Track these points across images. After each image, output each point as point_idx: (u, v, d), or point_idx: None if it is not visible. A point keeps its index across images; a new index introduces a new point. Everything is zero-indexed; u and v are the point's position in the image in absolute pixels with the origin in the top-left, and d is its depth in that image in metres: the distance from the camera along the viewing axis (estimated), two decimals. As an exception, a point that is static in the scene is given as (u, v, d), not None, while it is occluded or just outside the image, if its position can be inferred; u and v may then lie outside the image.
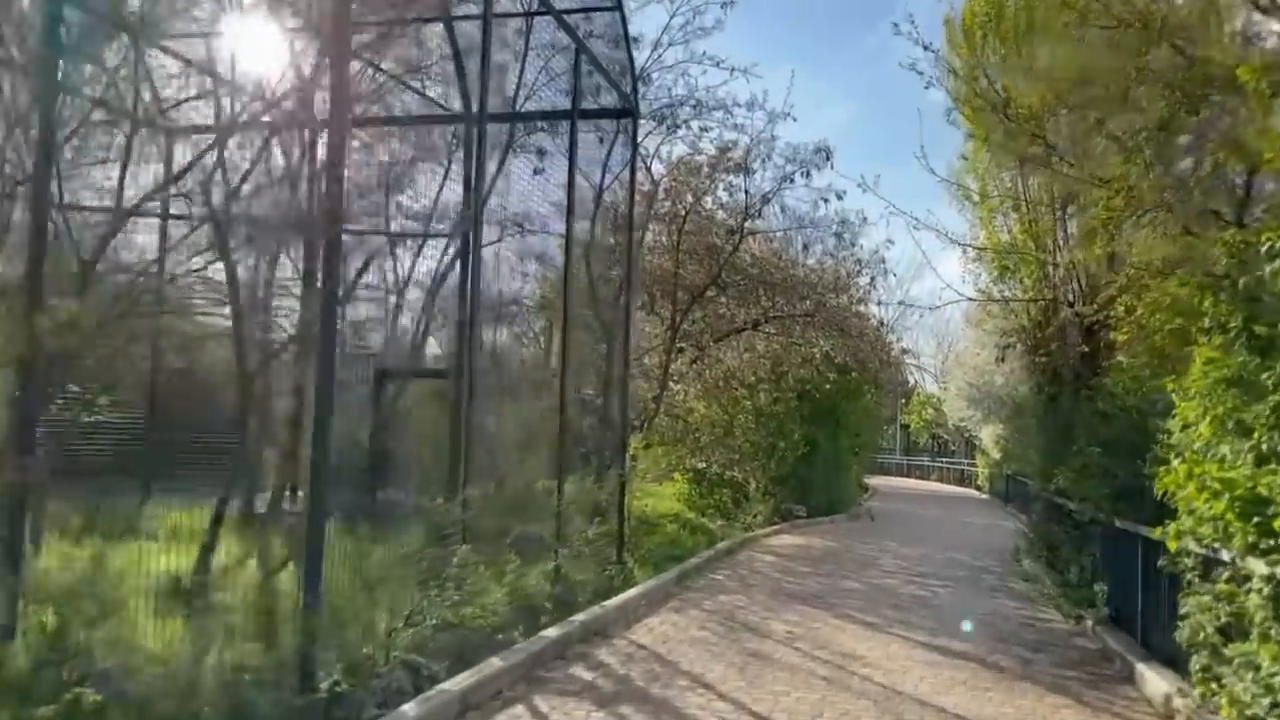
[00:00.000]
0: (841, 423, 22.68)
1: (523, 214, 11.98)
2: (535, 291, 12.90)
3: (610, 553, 11.40)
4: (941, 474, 50.44)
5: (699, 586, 11.18)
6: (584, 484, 11.93)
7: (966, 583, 12.60)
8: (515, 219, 12.00)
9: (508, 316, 12.92)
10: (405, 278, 13.45)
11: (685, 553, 13.29)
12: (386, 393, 12.21)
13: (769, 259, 19.46)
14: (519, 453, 11.20)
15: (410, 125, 10.37)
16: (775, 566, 13.30)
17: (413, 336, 13.45)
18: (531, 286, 12.89)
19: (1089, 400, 12.06)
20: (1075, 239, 12.77)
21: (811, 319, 19.56)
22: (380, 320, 13.48)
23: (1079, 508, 11.18)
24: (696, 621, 9.01)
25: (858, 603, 10.52)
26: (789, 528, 18.77)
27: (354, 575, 6.72)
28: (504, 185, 11.75)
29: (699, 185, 18.56)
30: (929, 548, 16.96)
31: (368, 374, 10.97)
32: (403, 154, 11.28)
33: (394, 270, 12.91)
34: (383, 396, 12.14)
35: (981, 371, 36.54)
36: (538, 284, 13.02)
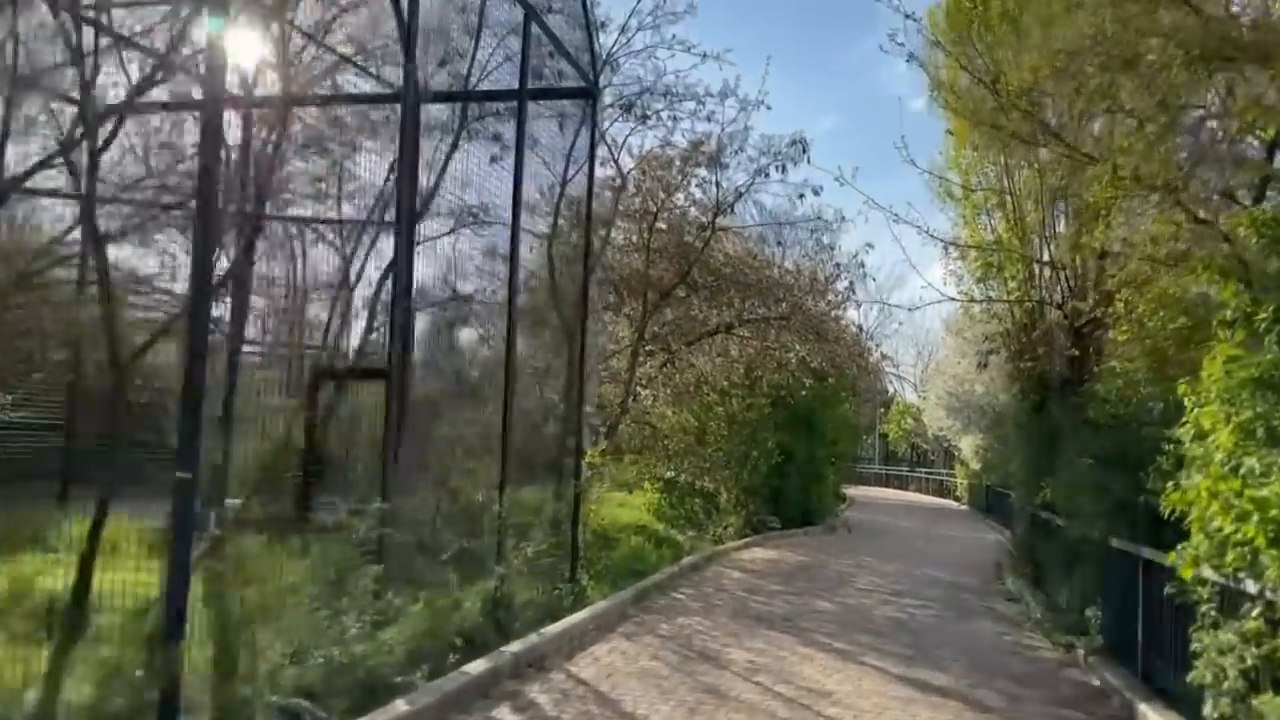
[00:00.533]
0: (817, 431, 21.83)
1: (479, 205, 11.11)
2: (492, 289, 11.97)
3: (564, 569, 10.52)
4: (920, 484, 49.80)
5: (658, 607, 10.26)
6: (539, 495, 11.03)
7: (946, 603, 11.75)
8: (470, 210, 11.14)
9: (462, 315, 12.04)
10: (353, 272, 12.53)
11: (647, 568, 12.38)
12: (323, 394, 11.27)
13: (743, 259, 18.61)
14: (465, 461, 10.29)
15: (334, 104, 9.45)
16: (743, 584, 12.40)
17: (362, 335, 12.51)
18: (489, 283, 11.97)
19: (1078, 408, 11.26)
20: (1065, 234, 11.97)
21: (787, 322, 18.71)
22: (325, 318, 12.51)
23: (1068, 524, 10.35)
24: (649, 649, 8.09)
25: (829, 627, 9.63)
26: (761, 540, 17.88)
27: (253, 599, 5.78)
28: (460, 173, 10.89)
29: (670, 180, 17.71)
30: (907, 563, 16.12)
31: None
32: (338, 136, 10.37)
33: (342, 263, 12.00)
34: (318, 398, 11.21)
35: (961, 380, 35.88)
36: (500, 281, 12.13)
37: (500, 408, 9.29)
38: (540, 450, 11.27)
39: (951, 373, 37.06)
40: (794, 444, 20.39)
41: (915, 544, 20.19)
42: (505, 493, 8.98)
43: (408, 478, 9.59)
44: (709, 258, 18.51)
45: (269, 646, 5.36)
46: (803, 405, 20.65)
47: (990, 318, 15.42)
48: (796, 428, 20.79)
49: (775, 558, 15.65)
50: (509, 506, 9.55)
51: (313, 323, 11.95)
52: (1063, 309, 12.48)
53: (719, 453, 19.48)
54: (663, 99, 15.80)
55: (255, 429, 8.60)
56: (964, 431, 37.43)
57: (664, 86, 15.49)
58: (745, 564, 14.56)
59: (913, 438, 56.68)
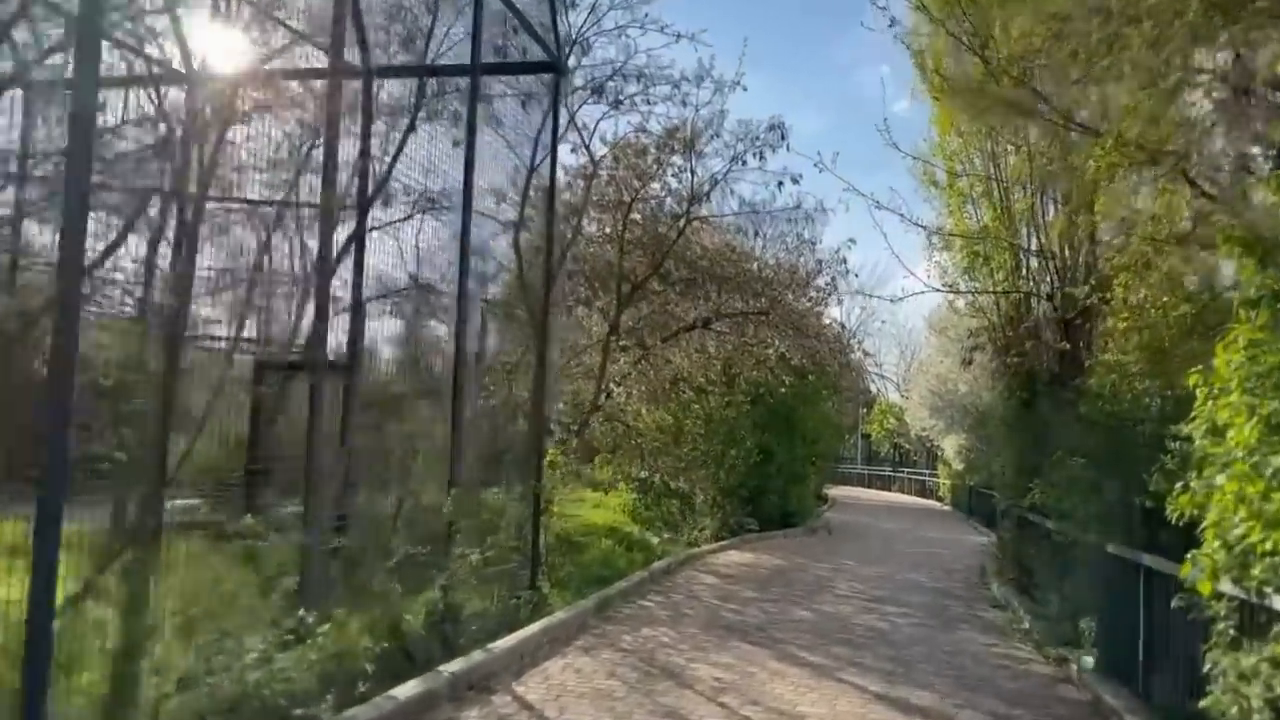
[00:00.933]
0: (798, 430, 21.19)
1: (441, 191, 10.43)
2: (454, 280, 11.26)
3: (524, 576, 9.85)
4: (903, 485, 49.32)
5: (622, 617, 9.57)
6: (501, 497, 10.36)
7: (929, 611, 11.11)
8: (429, 196, 10.47)
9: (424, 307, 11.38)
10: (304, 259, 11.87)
11: (615, 574, 11.71)
12: (268, 389, 10.55)
13: (721, 251, 17.94)
14: (415, 460, 9.59)
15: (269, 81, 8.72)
16: (716, 590, 11.73)
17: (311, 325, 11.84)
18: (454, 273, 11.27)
19: (1069, 404, 10.65)
20: (1055, 220, 11.37)
21: (766, 317, 18.06)
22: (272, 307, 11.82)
23: (1058, 527, 9.75)
24: (607, 666, 7.40)
25: (805, 638, 8.97)
26: (738, 543, 17.22)
27: (136, 616, 5.05)
28: (424, 157, 10.22)
29: (645, 169, 17.02)
30: (888, 566, 15.49)
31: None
32: (284, 115, 9.67)
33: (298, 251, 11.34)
34: (263, 393, 10.49)
35: (944, 379, 35.38)
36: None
37: (476, 406, 8.60)
38: (503, 450, 10.58)
39: (934, 371, 36.57)
40: (773, 443, 19.75)
41: (897, 546, 19.58)
42: (454, 494, 8.28)
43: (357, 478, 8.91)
44: (685, 250, 17.86)
45: (156, 671, 4.65)
46: (782, 403, 20.03)
47: (975, 312, 14.84)
48: (776, 427, 20.15)
49: (752, 561, 14.99)
50: (460, 509, 8.88)
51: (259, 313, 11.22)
52: (1052, 300, 11.89)
53: (696, 452, 18.82)
54: (636, 82, 15.12)
55: (192, 426, 7.92)
56: (947, 431, 36.93)
57: (636, 69, 14.80)
58: (720, 568, 13.89)
59: (895, 438, 56.24)
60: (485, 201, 10.91)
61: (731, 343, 18.69)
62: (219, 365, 9.44)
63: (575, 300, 17.86)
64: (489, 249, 12.04)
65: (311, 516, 6.35)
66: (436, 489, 9.17)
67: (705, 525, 17.18)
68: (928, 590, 12.85)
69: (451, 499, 8.25)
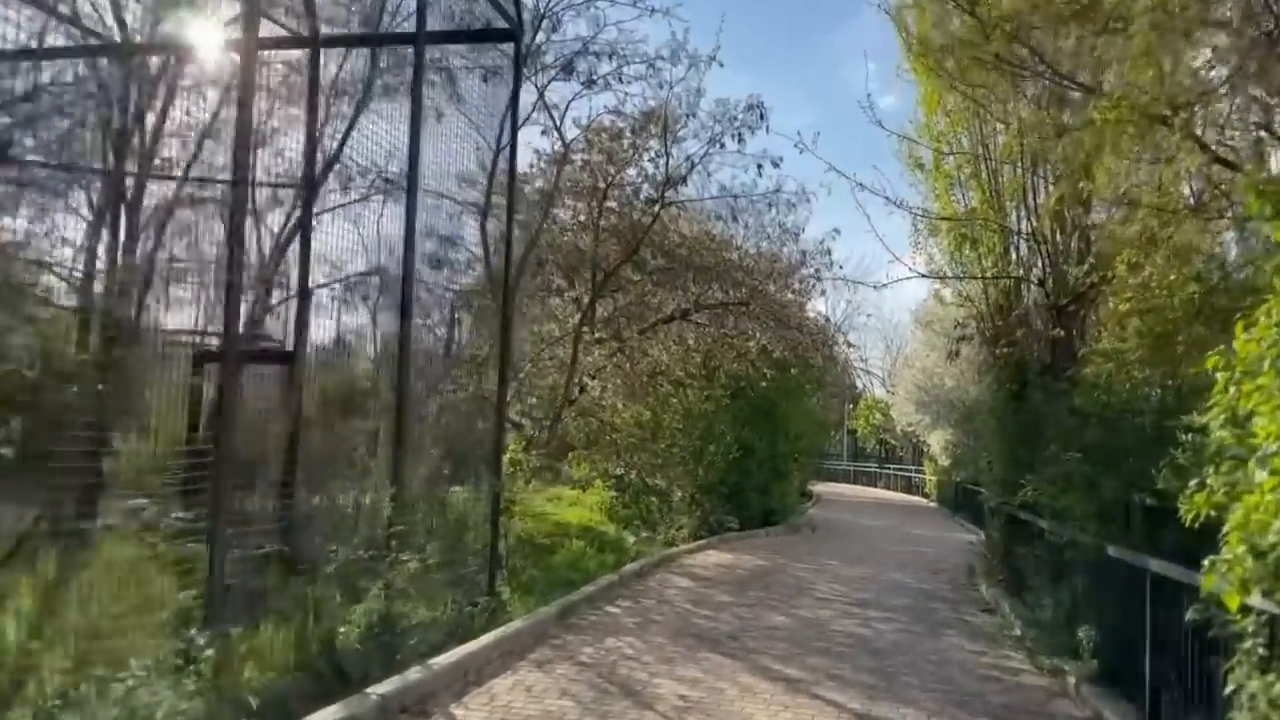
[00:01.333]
0: (780, 425, 20.57)
1: (401, 173, 9.75)
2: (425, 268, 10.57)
3: (482, 581, 9.18)
4: (889, 481, 48.85)
5: (585, 625, 8.90)
6: (460, 497, 9.68)
7: (915, 615, 10.48)
8: (385, 177, 9.80)
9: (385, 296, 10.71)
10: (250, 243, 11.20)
11: (584, 577, 11.04)
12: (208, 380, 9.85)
13: (699, 239, 17.25)
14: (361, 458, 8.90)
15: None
16: (690, 594, 11.07)
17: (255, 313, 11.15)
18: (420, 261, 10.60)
19: (1062, 396, 10.05)
20: (1047, 201, 10.74)
21: (746, 308, 17.40)
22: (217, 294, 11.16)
23: (1053, 527, 9.12)
24: (561, 682, 6.72)
25: (780, 647, 8.31)
26: (717, 542, 16.57)
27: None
28: (384, 138, 9.58)
29: (620, 154, 16.33)
30: (872, 566, 14.88)
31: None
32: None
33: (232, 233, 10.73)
34: (203, 384, 9.80)
35: (930, 374, 34.88)
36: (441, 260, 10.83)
37: (398, 397, 7.88)
38: (469, 447, 9.88)
39: (920, 366, 36.06)
40: (754, 439, 19.12)
41: (882, 545, 18.98)
42: (395, 494, 7.58)
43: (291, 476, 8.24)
44: (662, 239, 17.19)
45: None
46: (764, 398, 19.38)
47: (963, 301, 14.23)
48: (757, 421, 19.53)
49: (730, 562, 14.34)
50: (405, 511, 8.19)
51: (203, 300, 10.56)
52: (1044, 286, 11.27)
53: (674, 448, 18.16)
54: (609, 60, 14.42)
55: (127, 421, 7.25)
56: (933, 427, 36.44)
57: (608, 45, 14.10)
58: (695, 570, 13.23)
59: (881, 434, 55.78)
60: (449, 185, 10.23)
61: (711, 335, 18.04)
62: (156, 355, 8.75)
63: (548, 290, 17.17)
64: (456, 235, 11.33)
65: (219, 518, 5.63)
66: (386, 489, 8.52)
67: (683, 524, 16.53)
68: (913, 592, 12.22)
69: (392, 500, 7.55)
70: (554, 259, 16.26)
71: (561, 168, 14.98)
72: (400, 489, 7.55)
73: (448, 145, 9.97)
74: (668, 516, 16.96)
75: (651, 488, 17.46)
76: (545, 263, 15.73)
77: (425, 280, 10.04)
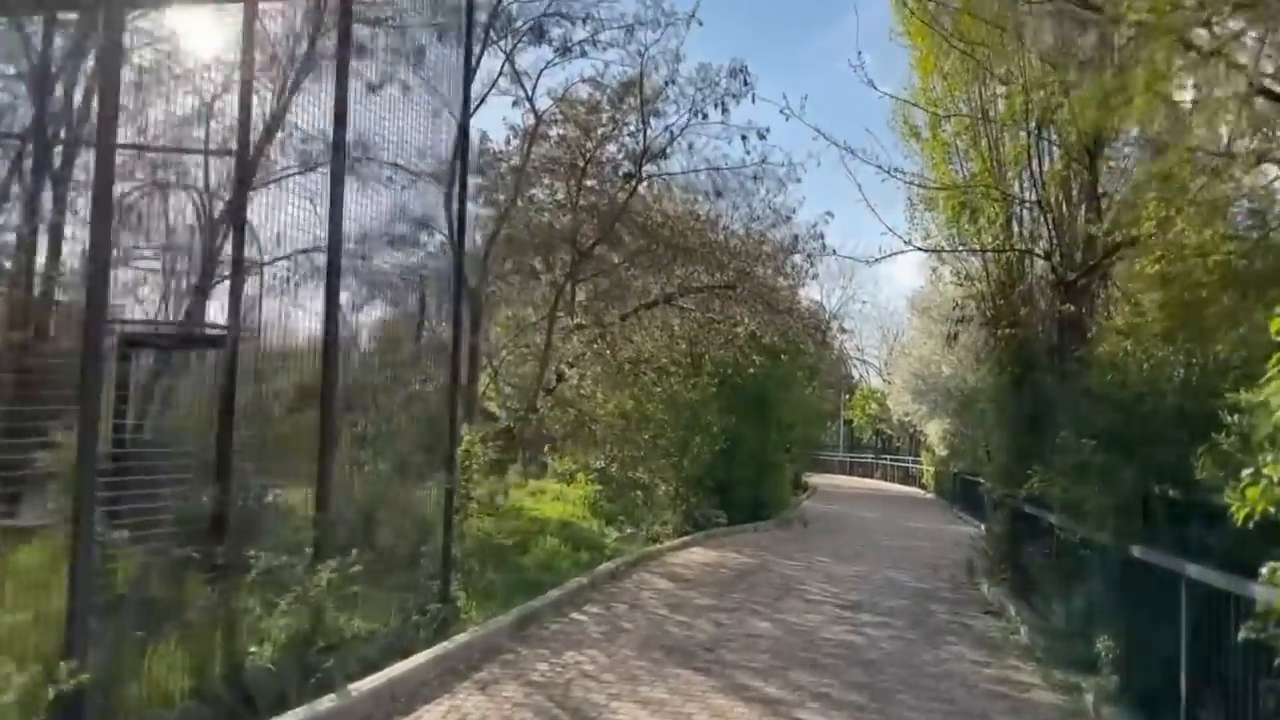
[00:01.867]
0: (771, 415, 19.65)
1: (356, 142, 8.88)
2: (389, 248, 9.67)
3: (435, 587, 8.32)
4: (885, 472, 48.02)
5: (546, 635, 8.00)
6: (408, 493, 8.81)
7: (912, 620, 9.59)
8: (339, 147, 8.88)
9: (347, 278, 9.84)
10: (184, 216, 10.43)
11: (554, 579, 10.16)
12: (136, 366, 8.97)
13: (683, 219, 16.34)
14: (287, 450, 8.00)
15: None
16: (667, 598, 10.17)
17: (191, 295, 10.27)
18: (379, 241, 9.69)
19: (1073, 378, 9.15)
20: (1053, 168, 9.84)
21: (733, 291, 16.50)
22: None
23: (1064, 522, 8.22)
24: (504, 709, 5.82)
25: (761, 660, 7.42)
26: (703, 539, 15.68)
27: None
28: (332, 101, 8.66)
29: (600, 129, 15.41)
30: (867, 563, 13.99)
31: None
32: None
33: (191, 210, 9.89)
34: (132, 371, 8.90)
35: (927, 362, 34.00)
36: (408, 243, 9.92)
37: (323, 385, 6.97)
38: (415, 439, 8.97)
39: (917, 354, 35.16)
40: (743, 429, 18.21)
41: (877, 539, 18.09)
42: (324, 488, 6.68)
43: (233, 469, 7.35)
44: (644, 217, 16.28)
45: None
46: (754, 386, 18.47)
47: (962, 280, 13.30)
48: (747, 411, 18.62)
49: (714, 560, 13.45)
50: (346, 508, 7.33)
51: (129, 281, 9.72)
52: (1050, 259, 10.36)
53: (661, 439, 17.25)
54: (583, 25, 13.49)
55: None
56: (930, 416, 35.57)
57: (583, 8, 13.17)
58: (677, 569, 12.33)
59: (878, 424, 54.91)
60: (408, 157, 9.31)
61: (697, 320, 17.14)
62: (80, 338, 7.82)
63: (522, 273, 16.27)
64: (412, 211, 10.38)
65: (82, 526, 4.72)
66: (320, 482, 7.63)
67: (667, 519, 15.62)
68: (909, 592, 11.32)
69: (318, 496, 6.65)
70: (530, 240, 15.36)
71: (533, 140, 14.07)
72: (324, 484, 6.65)
73: (402, 112, 9.05)
74: (652, 512, 16.05)
75: (636, 481, 16.56)
76: (515, 241, 14.81)
77: (374, 261, 9.15)
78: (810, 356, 21.23)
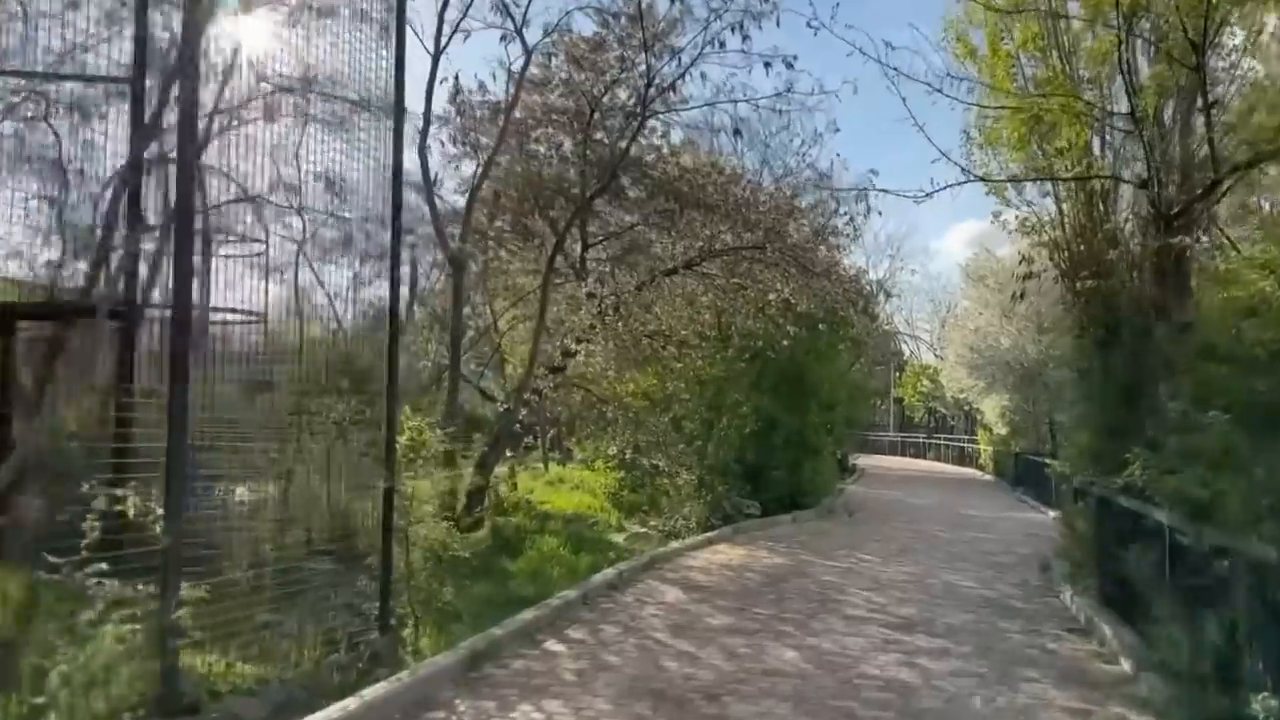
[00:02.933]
0: (810, 392, 17.65)
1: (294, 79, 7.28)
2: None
3: (373, 612, 6.66)
4: (939, 452, 45.61)
5: (500, 678, 6.20)
6: (327, 494, 7.09)
7: (979, 642, 7.63)
8: (288, 85, 7.35)
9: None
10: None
11: (539, 592, 8.41)
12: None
13: (702, 171, 14.37)
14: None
15: None
16: (674, 615, 8.33)
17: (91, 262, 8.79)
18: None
19: (1186, 334, 7.10)
20: (1152, 72, 7.73)
21: (762, 253, 14.49)
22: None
23: (1177, 523, 6.20)
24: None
25: (780, 711, 5.55)
26: (730, 534, 13.79)
27: None
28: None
29: (610, 74, 13.48)
30: (920, 562, 12.00)
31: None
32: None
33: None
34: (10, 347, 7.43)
35: (984, 334, 31.64)
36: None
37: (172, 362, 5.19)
38: (332, 427, 7.21)
39: (973, 326, 32.80)
40: (777, 409, 16.25)
41: (932, 530, 16.04)
42: (174, 485, 4.93)
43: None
44: (660, 170, 14.36)
45: None
46: (789, 361, 16.49)
47: (1029, 227, 11.15)
48: (781, 388, 16.65)
49: (740, 561, 11.56)
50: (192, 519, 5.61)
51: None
52: (1147, 188, 8.26)
53: (687, 421, 15.38)
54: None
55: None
56: (987, 392, 33.25)
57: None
58: (693, 575, 10.48)
59: (930, 402, 52.40)
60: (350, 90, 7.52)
61: (722, 287, 15.17)
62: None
63: (518, 233, 14.45)
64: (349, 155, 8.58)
65: None
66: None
67: (690, 511, 13.76)
68: (974, 602, 9.34)
69: (166, 503, 4.90)
70: (525, 196, 13.53)
71: (521, 81, 12.18)
72: (174, 479, 4.88)
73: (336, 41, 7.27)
74: (675, 502, 14.21)
75: (653, 469, 14.73)
76: (508, 199, 12.98)
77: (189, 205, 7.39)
78: (853, 327, 19.12)
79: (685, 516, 13.56)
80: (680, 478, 14.37)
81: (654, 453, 14.43)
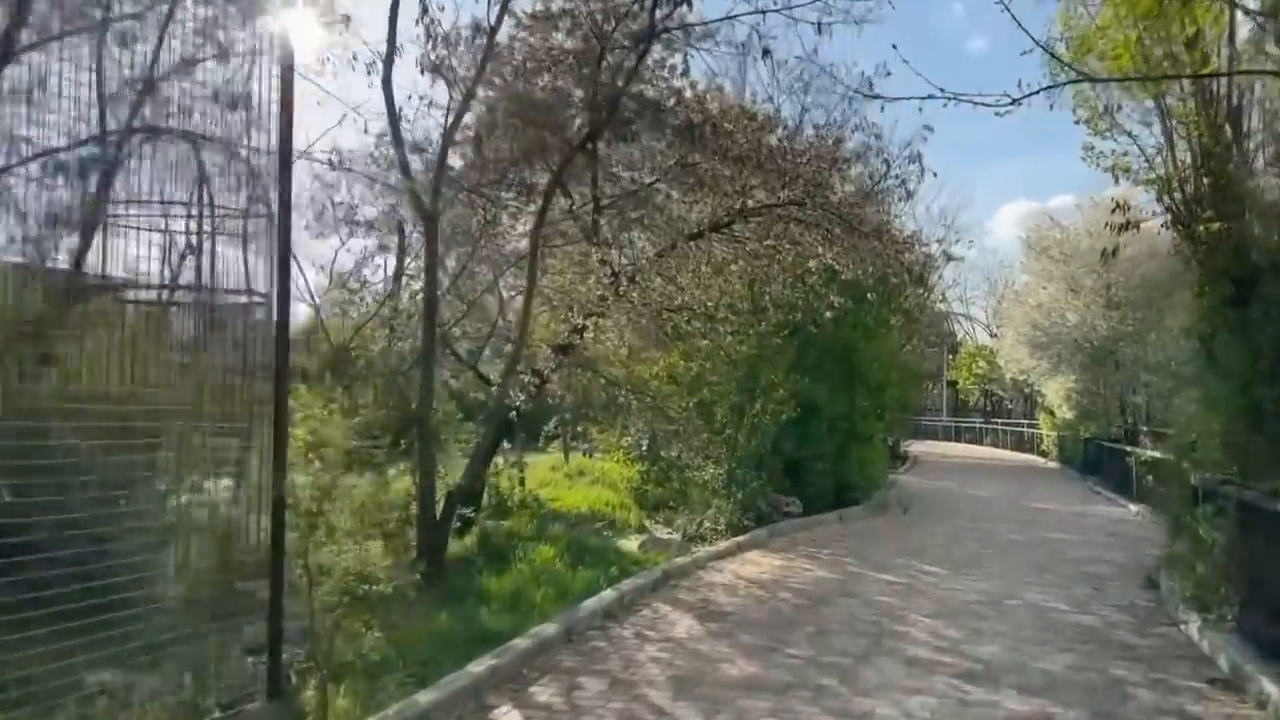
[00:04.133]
0: (857, 373, 15.58)
1: None
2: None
3: (260, 668, 4.87)
4: (996, 437, 43.01)
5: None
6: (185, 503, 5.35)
7: (1094, 704, 5.61)
8: None
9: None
10: None
11: (513, 626, 6.58)
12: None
13: (729, 114, 12.32)
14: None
15: None
16: (680, 658, 6.41)
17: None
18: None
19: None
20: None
21: (800, 209, 12.41)
22: None
23: None
24: None
25: None
26: (765, 538, 11.82)
27: None
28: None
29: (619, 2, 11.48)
30: (995, 575, 9.93)
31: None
32: None
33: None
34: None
35: (1048, 310, 29.04)
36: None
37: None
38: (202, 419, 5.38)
39: (1035, 302, 30.21)
40: (821, 391, 14.21)
41: (1002, 531, 13.90)
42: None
43: None
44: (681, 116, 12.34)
45: None
46: (833, 337, 14.44)
47: (1126, 165, 8.96)
48: (825, 369, 14.63)
49: (773, 575, 9.59)
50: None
51: None
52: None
53: (715, 406, 13.40)
54: None
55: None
56: (1052, 373, 30.67)
57: None
58: (715, 595, 8.54)
59: (986, 384, 49.70)
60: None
61: (754, 252, 13.12)
62: None
63: (520, 190, 12.54)
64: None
65: None
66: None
67: (717, 510, 11.81)
68: (1072, 636, 7.27)
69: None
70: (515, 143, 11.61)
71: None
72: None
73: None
74: (699, 501, 12.28)
75: (674, 462, 12.81)
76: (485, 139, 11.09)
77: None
78: (907, 298, 16.96)
79: (712, 518, 11.61)
80: (706, 472, 12.41)
81: (674, 443, 12.49)
